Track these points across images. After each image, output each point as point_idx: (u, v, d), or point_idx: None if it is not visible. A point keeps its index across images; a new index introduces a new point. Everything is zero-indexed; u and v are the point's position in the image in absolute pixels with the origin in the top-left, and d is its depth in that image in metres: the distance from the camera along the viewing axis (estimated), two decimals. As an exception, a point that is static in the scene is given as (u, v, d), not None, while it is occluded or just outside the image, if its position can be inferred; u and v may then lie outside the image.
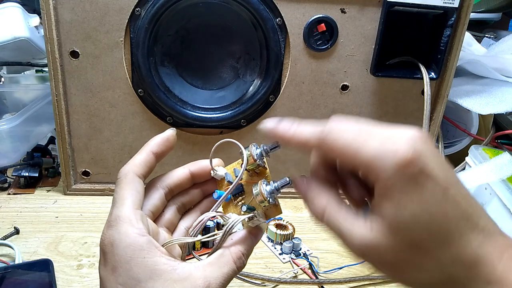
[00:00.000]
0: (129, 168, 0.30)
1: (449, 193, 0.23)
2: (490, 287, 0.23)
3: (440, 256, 0.23)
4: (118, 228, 0.27)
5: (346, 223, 0.26)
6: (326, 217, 0.27)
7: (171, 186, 0.33)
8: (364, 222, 0.25)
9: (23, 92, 0.71)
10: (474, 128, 0.70)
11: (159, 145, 0.32)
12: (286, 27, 0.55)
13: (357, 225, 0.25)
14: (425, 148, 0.23)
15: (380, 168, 0.23)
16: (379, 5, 0.55)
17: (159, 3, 0.52)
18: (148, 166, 0.31)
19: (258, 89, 0.58)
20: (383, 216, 0.24)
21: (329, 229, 0.27)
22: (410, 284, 0.25)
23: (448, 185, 0.23)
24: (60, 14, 0.52)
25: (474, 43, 0.78)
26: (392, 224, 0.24)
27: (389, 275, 0.26)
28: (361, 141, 0.24)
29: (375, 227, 0.24)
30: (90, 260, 0.48)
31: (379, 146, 0.23)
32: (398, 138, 0.23)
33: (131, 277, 0.26)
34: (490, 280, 0.23)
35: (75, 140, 0.59)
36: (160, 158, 0.32)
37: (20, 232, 0.52)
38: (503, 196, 0.52)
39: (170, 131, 0.33)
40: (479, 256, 0.23)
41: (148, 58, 0.54)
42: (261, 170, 0.31)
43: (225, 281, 0.27)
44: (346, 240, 0.26)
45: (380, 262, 0.25)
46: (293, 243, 0.51)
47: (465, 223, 0.23)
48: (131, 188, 0.29)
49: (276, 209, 0.30)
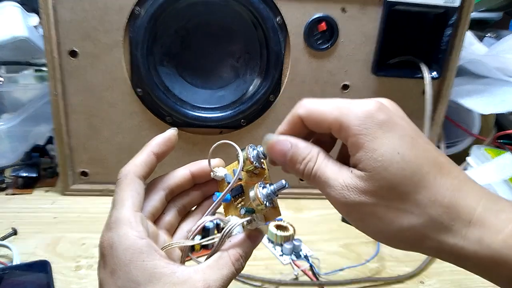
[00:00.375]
0: (130, 169, 0.30)
1: (418, 141, 0.25)
2: (471, 227, 0.24)
3: (417, 198, 0.24)
4: (118, 231, 0.27)
5: (332, 171, 0.26)
6: (315, 169, 0.27)
7: (171, 187, 0.32)
8: (347, 171, 0.26)
9: (22, 91, 0.70)
10: (475, 128, 0.70)
11: (160, 145, 0.31)
12: (286, 26, 0.55)
13: (341, 175, 0.26)
14: (390, 105, 0.27)
15: (350, 121, 0.25)
16: (380, 4, 0.55)
17: (158, 3, 0.52)
18: (149, 166, 0.31)
19: (258, 88, 0.57)
20: (360, 162, 0.25)
21: (316, 182, 0.27)
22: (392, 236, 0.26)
23: (416, 136, 0.25)
24: (59, 13, 0.52)
25: (475, 42, 0.78)
26: (367, 168, 0.25)
27: (372, 226, 0.26)
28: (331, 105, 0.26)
29: (355, 175, 0.25)
30: (89, 261, 0.48)
31: (347, 105, 0.26)
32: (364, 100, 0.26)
33: (130, 280, 0.26)
34: (470, 220, 0.24)
35: (74, 140, 0.58)
36: (161, 159, 0.32)
37: (18, 232, 0.52)
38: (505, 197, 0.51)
39: (171, 131, 0.32)
40: (456, 197, 0.24)
41: (147, 58, 0.54)
42: (260, 171, 0.31)
43: (225, 283, 0.27)
44: (331, 190, 0.26)
45: (362, 211, 0.26)
46: (293, 245, 0.51)
47: (438, 169, 0.25)
48: (131, 190, 0.29)
49: (275, 211, 0.29)
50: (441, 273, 0.50)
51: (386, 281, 0.48)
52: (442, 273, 0.50)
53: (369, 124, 0.25)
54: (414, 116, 0.61)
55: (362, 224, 0.27)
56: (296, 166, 0.28)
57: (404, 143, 0.25)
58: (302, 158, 0.27)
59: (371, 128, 0.25)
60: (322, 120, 0.27)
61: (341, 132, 0.26)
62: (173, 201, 0.33)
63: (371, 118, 0.25)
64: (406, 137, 0.25)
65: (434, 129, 0.62)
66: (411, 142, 0.25)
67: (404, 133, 0.25)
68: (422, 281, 0.49)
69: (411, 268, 0.50)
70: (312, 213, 0.61)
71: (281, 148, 0.28)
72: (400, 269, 0.50)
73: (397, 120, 0.25)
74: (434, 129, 0.62)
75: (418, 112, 0.60)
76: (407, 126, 0.26)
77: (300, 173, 0.28)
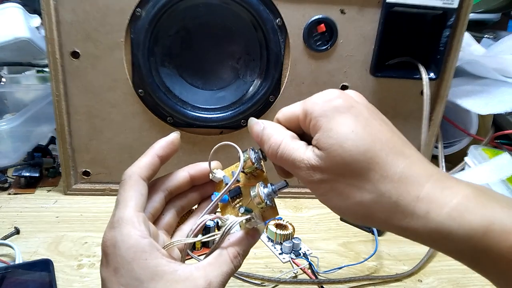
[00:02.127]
0: (134, 170, 0.30)
1: (373, 122, 0.27)
2: (419, 202, 0.25)
3: (370, 175, 0.26)
4: (121, 230, 0.27)
5: (298, 152, 0.28)
6: (281, 150, 0.29)
7: (171, 188, 0.33)
8: (310, 151, 0.28)
9: (24, 92, 0.71)
10: (473, 128, 0.70)
11: (163, 148, 0.32)
12: (286, 27, 0.55)
13: (305, 155, 0.28)
14: (353, 93, 0.29)
15: (312, 108, 0.28)
16: (379, 5, 0.55)
17: (159, 4, 0.52)
18: (153, 169, 0.31)
19: (258, 89, 0.58)
20: (318, 142, 0.27)
21: (284, 163, 0.29)
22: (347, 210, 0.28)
23: (372, 118, 0.27)
24: (61, 14, 0.52)
25: (473, 43, 0.78)
26: (325, 146, 0.26)
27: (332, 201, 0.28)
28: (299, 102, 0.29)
29: (315, 154, 0.27)
30: (91, 260, 0.48)
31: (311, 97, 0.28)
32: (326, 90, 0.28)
33: (133, 278, 0.26)
34: (418, 196, 0.25)
35: (76, 140, 0.59)
36: (165, 161, 0.32)
37: (21, 232, 0.52)
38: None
39: (174, 135, 0.33)
40: (406, 175, 0.25)
41: (148, 59, 0.54)
42: (258, 173, 0.32)
43: (225, 279, 0.28)
44: (299, 171, 0.28)
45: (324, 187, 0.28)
46: (293, 243, 0.52)
47: (391, 148, 0.26)
48: (135, 190, 0.29)
49: (273, 211, 0.30)
50: (439, 272, 0.50)
51: (384, 279, 0.48)
52: (440, 271, 0.50)
53: (326, 107, 0.27)
54: (412, 117, 0.62)
55: (324, 198, 0.28)
56: (265, 147, 0.30)
57: (359, 123, 0.26)
58: (268, 139, 0.30)
59: (329, 111, 0.27)
60: (292, 117, 0.29)
61: (306, 122, 0.28)
62: (172, 202, 0.34)
63: (329, 102, 0.27)
64: (361, 117, 0.27)
65: (432, 129, 0.63)
66: (366, 122, 0.27)
67: (360, 114, 0.27)
68: (420, 280, 0.49)
69: (409, 266, 0.50)
70: (311, 212, 0.62)
71: (256, 129, 0.31)
72: (398, 267, 0.51)
73: (354, 104, 0.27)
74: (432, 129, 0.63)
75: (416, 113, 0.61)
76: (364, 109, 0.28)
77: (267, 154, 0.30)
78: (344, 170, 0.26)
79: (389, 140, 0.27)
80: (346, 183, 0.26)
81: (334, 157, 0.26)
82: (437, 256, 0.53)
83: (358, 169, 0.26)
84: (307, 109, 0.28)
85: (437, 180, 0.25)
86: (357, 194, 0.26)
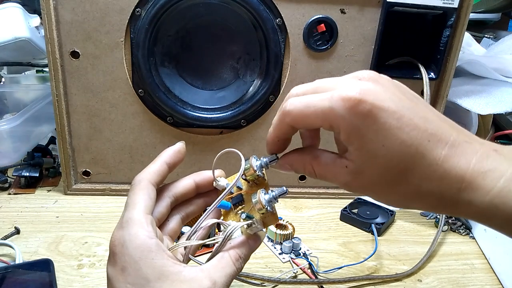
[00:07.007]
0: (144, 176, 0.32)
1: (403, 120, 0.25)
2: (461, 193, 0.25)
3: (409, 178, 0.26)
4: (129, 230, 0.28)
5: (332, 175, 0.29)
6: (317, 174, 0.30)
7: (176, 195, 0.34)
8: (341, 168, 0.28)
9: (24, 92, 0.71)
10: (473, 128, 0.70)
11: (171, 157, 0.33)
12: (286, 27, 0.55)
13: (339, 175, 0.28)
14: (371, 85, 0.26)
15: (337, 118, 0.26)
16: (379, 5, 0.55)
17: (159, 4, 0.52)
18: (161, 175, 0.33)
19: (258, 89, 0.58)
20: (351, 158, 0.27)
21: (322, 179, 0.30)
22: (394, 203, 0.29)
23: (402, 112, 0.25)
24: (61, 14, 0.52)
25: (473, 43, 0.78)
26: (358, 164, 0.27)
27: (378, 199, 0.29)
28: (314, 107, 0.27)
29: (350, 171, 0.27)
30: (91, 260, 0.48)
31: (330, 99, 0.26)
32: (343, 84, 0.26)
33: (140, 277, 0.27)
34: (460, 188, 0.25)
35: (76, 140, 0.59)
36: (172, 169, 0.34)
37: (21, 232, 0.52)
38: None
39: (180, 144, 0.34)
40: (445, 169, 0.25)
41: (148, 59, 0.54)
42: (260, 181, 0.33)
43: (228, 280, 0.29)
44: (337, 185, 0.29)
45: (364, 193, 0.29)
46: (292, 243, 0.52)
47: (426, 144, 0.25)
48: (144, 194, 0.30)
49: (273, 217, 0.31)
50: (438, 272, 0.50)
51: (384, 279, 0.48)
52: (440, 271, 0.51)
53: (355, 118, 0.25)
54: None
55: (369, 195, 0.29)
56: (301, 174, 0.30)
57: (388, 133, 0.25)
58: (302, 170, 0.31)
59: (358, 122, 0.25)
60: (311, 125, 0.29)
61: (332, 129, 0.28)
62: (177, 208, 0.35)
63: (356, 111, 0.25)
64: (391, 120, 0.25)
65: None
66: (397, 124, 0.25)
67: (389, 117, 0.25)
68: (419, 279, 0.49)
69: (409, 266, 0.50)
70: (311, 212, 0.62)
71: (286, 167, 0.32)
72: (398, 267, 0.51)
73: (380, 103, 0.25)
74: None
75: (416, 112, 0.61)
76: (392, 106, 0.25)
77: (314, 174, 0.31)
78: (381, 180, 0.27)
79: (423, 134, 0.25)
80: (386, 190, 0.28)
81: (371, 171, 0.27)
82: (437, 256, 0.53)
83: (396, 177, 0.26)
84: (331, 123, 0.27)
85: (477, 163, 0.25)
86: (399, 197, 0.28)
